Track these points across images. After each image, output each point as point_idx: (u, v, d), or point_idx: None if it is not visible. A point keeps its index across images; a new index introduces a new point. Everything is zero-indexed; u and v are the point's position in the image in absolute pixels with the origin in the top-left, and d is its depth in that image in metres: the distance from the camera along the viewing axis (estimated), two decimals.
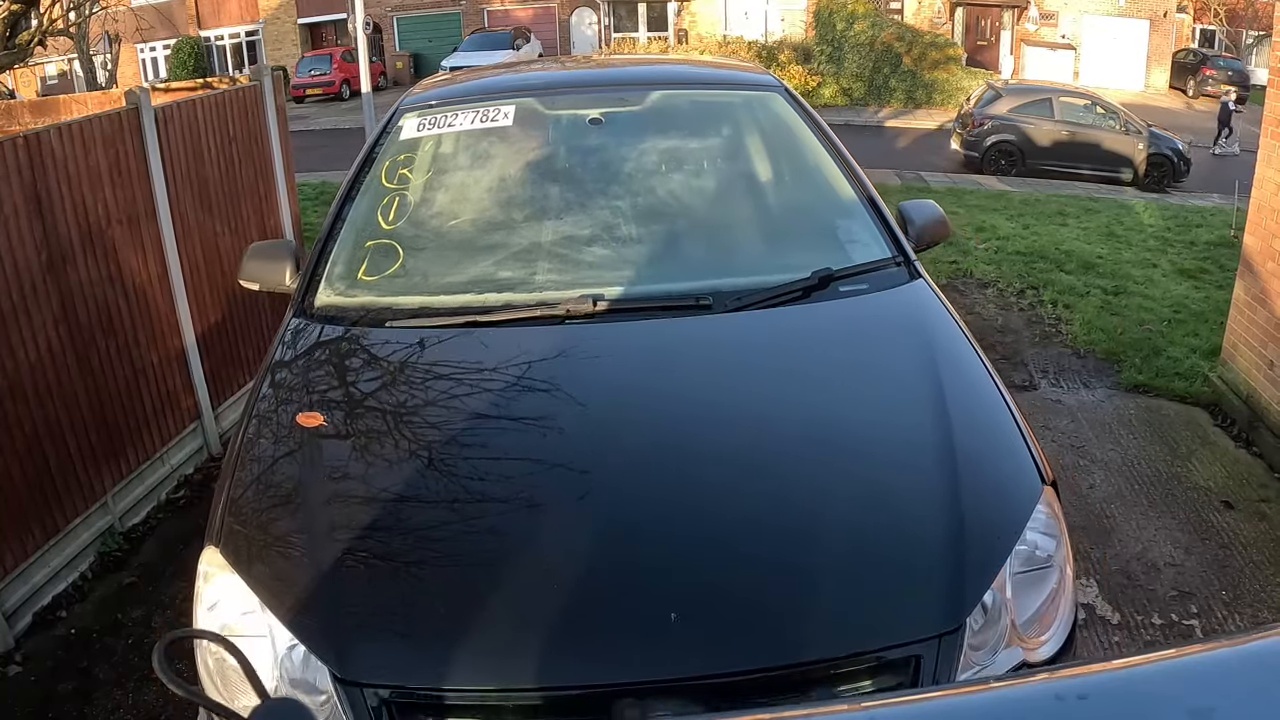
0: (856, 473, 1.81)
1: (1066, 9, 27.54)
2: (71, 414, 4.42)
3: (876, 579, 1.60)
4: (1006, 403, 1.95)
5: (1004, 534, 1.65)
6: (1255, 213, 5.89)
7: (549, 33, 29.45)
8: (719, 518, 1.69)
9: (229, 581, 1.64)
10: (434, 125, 2.79)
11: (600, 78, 3.70)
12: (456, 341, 2.17)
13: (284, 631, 1.54)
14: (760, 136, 2.93)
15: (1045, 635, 1.64)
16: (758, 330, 2.17)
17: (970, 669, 1.53)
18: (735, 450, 1.85)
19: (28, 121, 7.34)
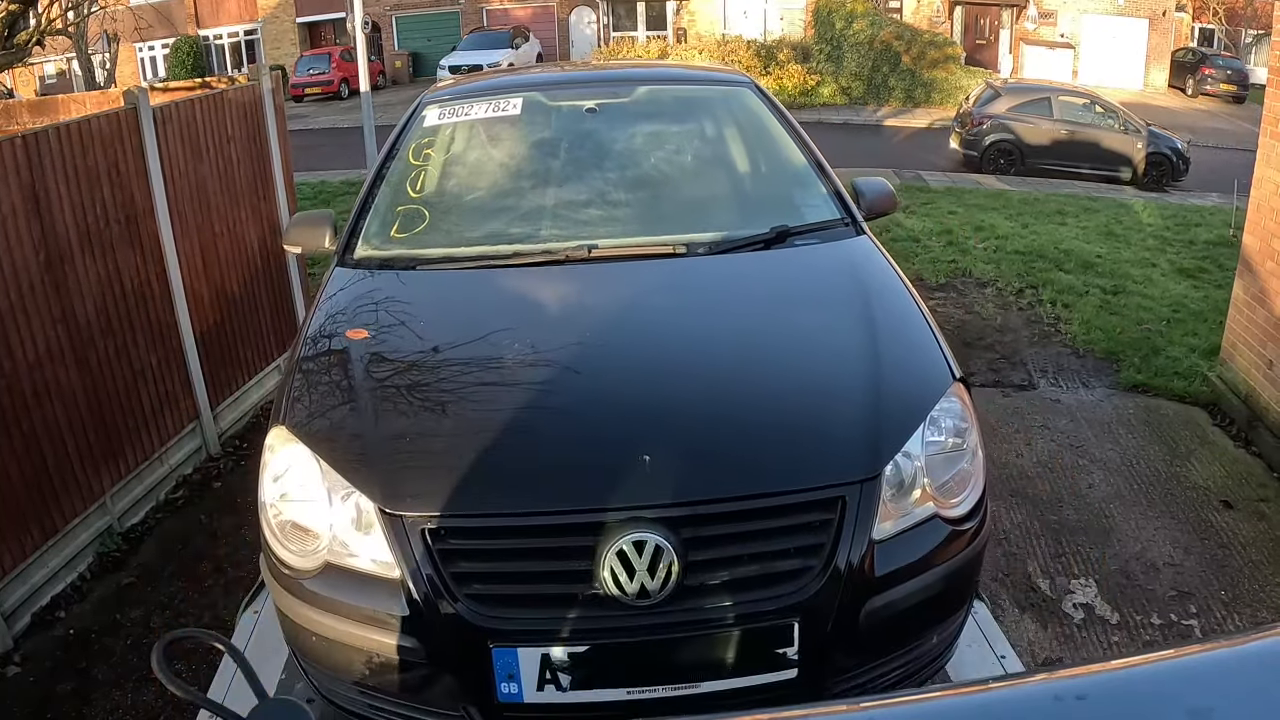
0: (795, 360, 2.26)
1: (1065, 8, 27.54)
2: (70, 414, 4.42)
3: (810, 436, 2.02)
4: (928, 323, 2.38)
5: (916, 408, 2.04)
6: (1254, 212, 5.89)
7: (548, 32, 29.44)
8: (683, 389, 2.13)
9: (293, 450, 2.03)
10: (452, 114, 3.24)
11: (595, 76, 4.32)
12: (475, 276, 2.64)
13: (340, 485, 1.93)
14: (731, 123, 3.36)
15: (957, 499, 2.04)
16: (721, 269, 2.61)
17: (890, 518, 1.91)
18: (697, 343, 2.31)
19: (26, 121, 7.33)
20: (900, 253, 9.49)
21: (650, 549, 1.78)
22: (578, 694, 1.83)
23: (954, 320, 7.70)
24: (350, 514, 1.93)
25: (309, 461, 1.99)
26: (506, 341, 2.31)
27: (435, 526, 1.85)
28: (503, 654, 1.82)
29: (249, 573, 3.97)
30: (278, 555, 2.05)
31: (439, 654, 1.86)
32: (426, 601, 1.83)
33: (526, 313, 2.48)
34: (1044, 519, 4.83)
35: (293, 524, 2.02)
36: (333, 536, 1.94)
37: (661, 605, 1.79)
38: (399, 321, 2.44)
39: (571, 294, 2.55)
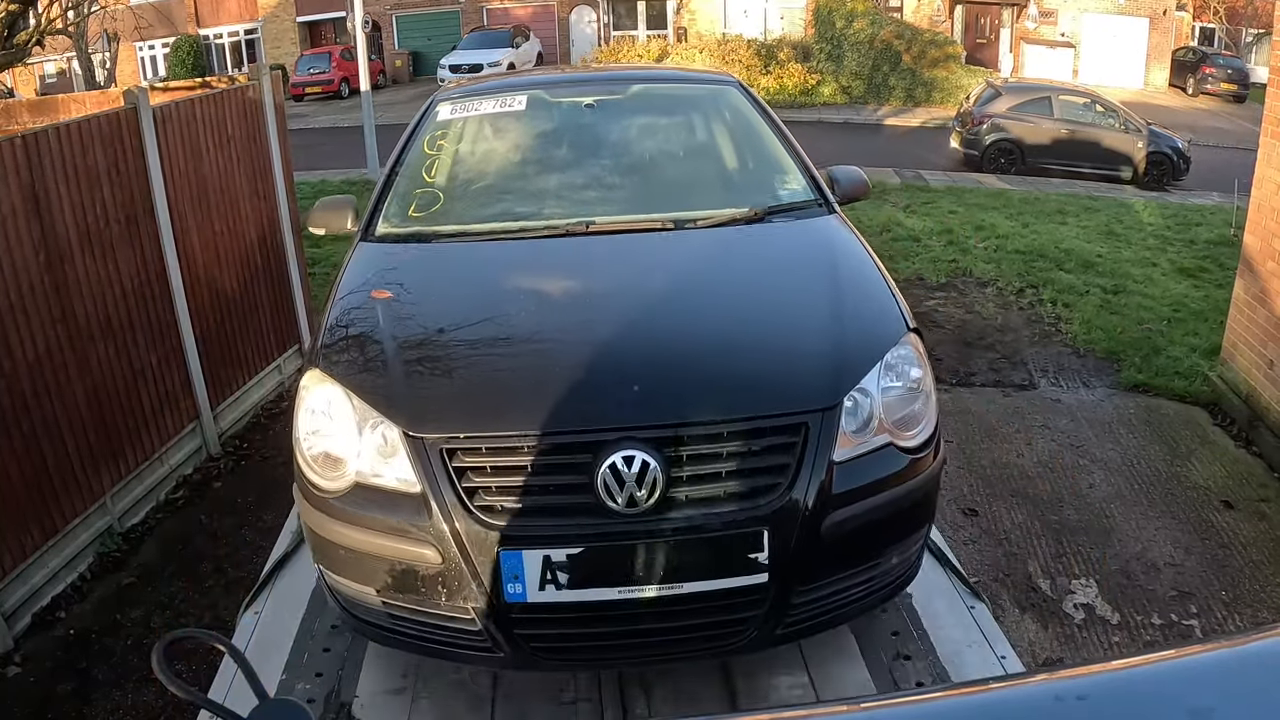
0: (767, 309, 2.55)
1: (1066, 7, 27.51)
2: (70, 414, 4.42)
3: (778, 371, 2.30)
4: (887, 284, 2.62)
5: (872, 352, 2.30)
6: (1255, 212, 5.89)
7: (548, 31, 29.40)
8: (668, 331, 2.45)
9: (326, 389, 2.29)
10: (463, 110, 3.54)
11: (593, 77, 4.84)
12: (484, 245, 2.94)
13: (369, 415, 2.19)
14: (717, 117, 3.64)
15: (910, 433, 2.29)
16: (704, 239, 2.89)
17: (849, 445, 2.17)
18: (681, 293, 2.62)
19: (26, 121, 7.33)
20: (901, 252, 9.49)
21: (638, 464, 2.03)
22: (574, 593, 2.07)
23: (955, 320, 7.70)
24: (377, 441, 2.18)
25: (341, 398, 2.26)
26: (512, 294, 2.66)
27: (452, 447, 2.11)
28: (509, 556, 2.06)
29: (249, 573, 3.97)
30: (311, 481, 2.30)
31: (453, 559, 2.09)
32: (443, 512, 2.09)
33: (530, 272, 2.79)
34: (1045, 519, 4.83)
35: (325, 453, 2.28)
36: (361, 461, 2.20)
37: (648, 514, 2.05)
38: (417, 282, 2.78)
39: (571, 257, 2.87)
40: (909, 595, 2.65)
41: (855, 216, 11.45)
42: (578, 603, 2.10)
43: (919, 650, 2.48)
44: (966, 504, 4.98)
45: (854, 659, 2.45)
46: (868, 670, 2.42)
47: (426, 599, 2.16)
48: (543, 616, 2.12)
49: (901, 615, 2.59)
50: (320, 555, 2.35)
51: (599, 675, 2.41)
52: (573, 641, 2.21)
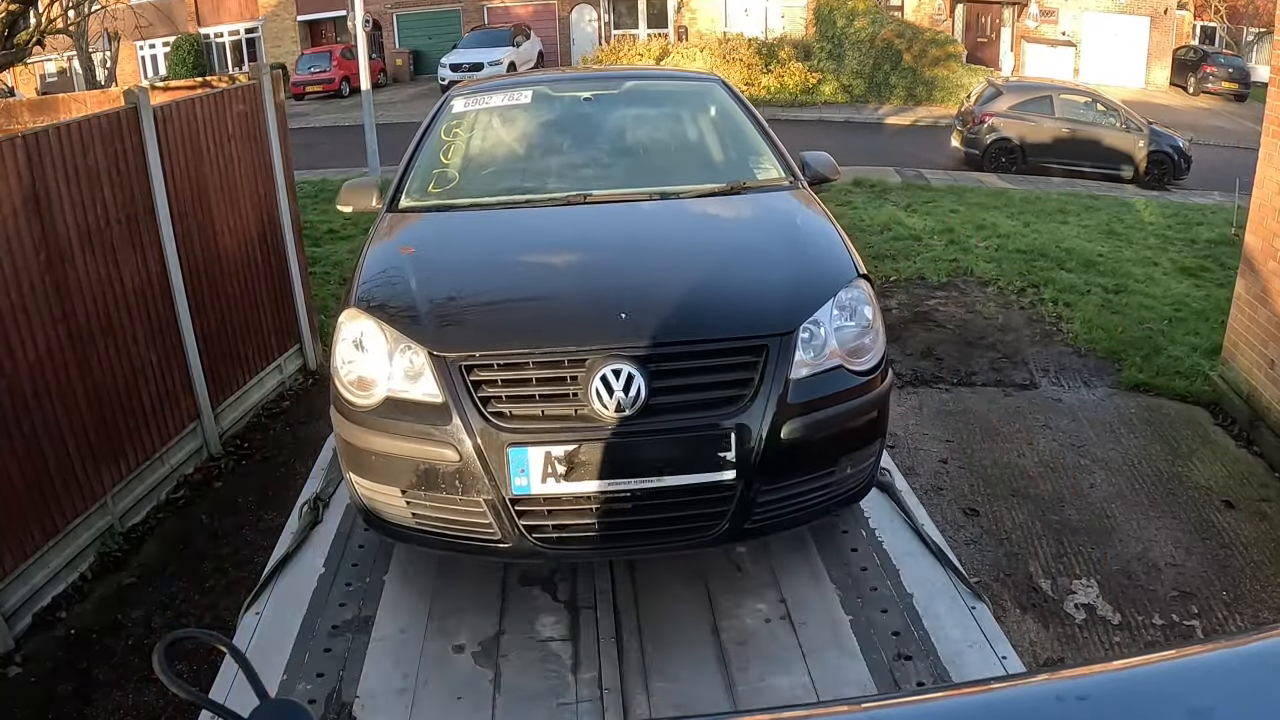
0: (736, 255, 2.98)
1: (1066, 6, 27.49)
2: (70, 414, 4.42)
3: (744, 302, 2.67)
4: (843, 240, 3.00)
5: (825, 290, 2.68)
6: (1256, 211, 5.88)
7: (549, 30, 29.39)
8: (651, 269, 2.87)
9: (361, 323, 2.66)
10: (475, 103, 3.97)
11: (591, 75, 5.63)
12: (494, 212, 3.37)
13: (398, 340, 2.56)
14: (701, 109, 4.04)
15: (860, 359, 2.64)
16: (685, 206, 3.32)
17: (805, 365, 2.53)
18: (663, 242, 3.08)
19: (27, 120, 7.33)
20: (902, 251, 9.49)
21: (624, 376, 2.40)
22: (570, 485, 2.42)
23: (956, 319, 7.70)
24: (405, 364, 2.55)
25: (375, 329, 2.63)
26: (519, 245, 3.11)
27: (470, 364, 2.47)
28: (517, 453, 2.41)
29: (250, 573, 3.97)
30: (347, 400, 2.64)
31: (469, 457, 2.44)
32: (462, 418, 2.44)
33: (534, 230, 3.23)
34: (1045, 519, 4.83)
35: (360, 377, 2.64)
36: (391, 380, 2.56)
37: (632, 418, 2.40)
38: (436, 239, 3.21)
39: (569, 219, 3.28)
40: (910, 595, 2.65)
41: (856, 215, 11.48)
42: (574, 494, 2.43)
43: (920, 650, 2.48)
44: (967, 504, 4.98)
45: (854, 658, 2.45)
46: (868, 670, 2.42)
47: (445, 494, 2.50)
48: (543, 508, 2.46)
49: (902, 615, 2.59)
50: (352, 464, 2.69)
51: (600, 675, 2.41)
52: (568, 532, 2.50)
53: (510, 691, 2.40)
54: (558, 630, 2.59)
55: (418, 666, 2.47)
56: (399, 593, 2.76)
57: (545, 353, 2.45)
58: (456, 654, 2.51)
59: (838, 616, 2.59)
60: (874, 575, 2.75)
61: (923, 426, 5.88)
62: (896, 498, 3.10)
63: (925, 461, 5.42)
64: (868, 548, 2.87)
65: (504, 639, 2.55)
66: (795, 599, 2.65)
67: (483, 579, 2.80)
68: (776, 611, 2.62)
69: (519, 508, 2.44)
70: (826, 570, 2.77)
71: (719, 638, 2.53)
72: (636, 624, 2.59)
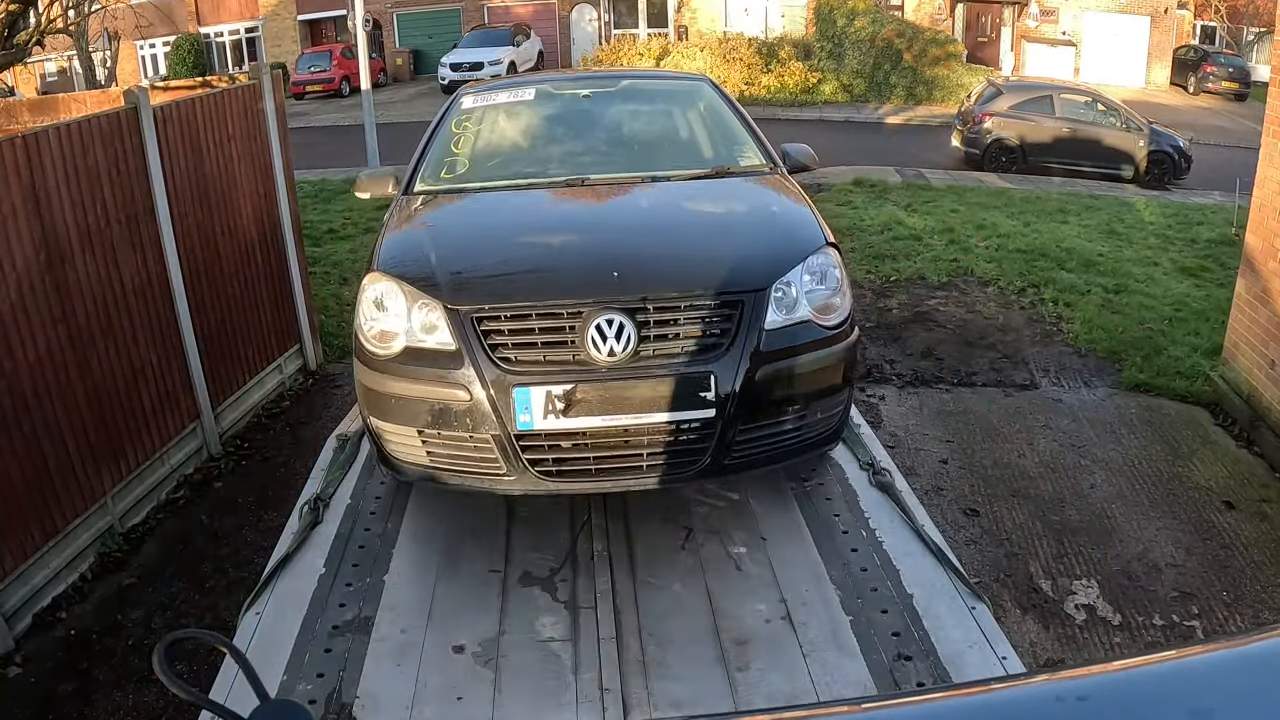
0: (717, 226, 3.34)
1: (1067, 5, 27.47)
2: (70, 414, 4.42)
3: (723, 264, 2.94)
4: (815, 215, 3.31)
5: (795, 255, 2.98)
6: (1257, 211, 5.88)
7: (549, 29, 29.37)
8: (642, 235, 3.25)
9: (383, 283, 2.95)
10: (483, 100, 4.34)
11: (589, 75, 6.14)
12: (501, 193, 3.69)
13: (416, 297, 2.86)
14: (690, 106, 4.37)
15: (828, 316, 2.94)
16: (674, 186, 3.63)
17: (775, 321, 2.82)
18: (653, 215, 3.43)
19: (27, 120, 7.33)
20: (902, 251, 9.48)
21: (616, 325, 2.69)
22: (568, 420, 2.70)
23: (956, 319, 7.69)
24: (422, 317, 2.84)
25: (395, 289, 2.91)
26: (522, 218, 3.47)
27: (480, 316, 2.77)
28: (521, 392, 2.69)
29: (250, 573, 3.97)
30: (370, 351, 2.93)
31: (479, 396, 2.73)
32: (473, 362, 2.74)
33: (536, 206, 3.56)
34: (1046, 519, 4.83)
35: (381, 330, 2.92)
36: (410, 332, 2.85)
37: (623, 363, 2.69)
38: (448, 215, 3.55)
39: (569, 197, 3.60)
40: (910, 595, 2.65)
41: (856, 215, 11.47)
42: (571, 429, 2.72)
43: (920, 651, 2.48)
44: (968, 504, 4.98)
45: (854, 659, 2.45)
46: (868, 670, 2.42)
47: (457, 431, 2.80)
48: (544, 443, 2.74)
49: (902, 615, 2.59)
50: (373, 408, 2.97)
51: (600, 674, 2.41)
52: (566, 465, 2.78)
53: (510, 691, 2.40)
54: (558, 630, 2.59)
55: (418, 667, 2.47)
56: (399, 593, 2.76)
57: (546, 305, 2.75)
58: (456, 654, 2.51)
59: (838, 617, 2.59)
60: (874, 576, 2.75)
61: (923, 427, 5.88)
62: (896, 498, 3.10)
63: (926, 462, 5.42)
64: (868, 548, 2.87)
65: (504, 639, 2.55)
66: (795, 599, 2.65)
67: (483, 579, 2.80)
68: (776, 611, 2.62)
69: (523, 443, 2.73)
70: (827, 570, 2.77)
71: (719, 638, 2.53)
72: (637, 624, 2.59)
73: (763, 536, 2.95)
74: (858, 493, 3.17)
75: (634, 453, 2.75)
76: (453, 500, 3.25)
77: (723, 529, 3.00)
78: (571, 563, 2.86)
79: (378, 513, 3.19)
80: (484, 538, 3.01)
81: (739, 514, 3.09)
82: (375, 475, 3.43)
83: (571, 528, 3.04)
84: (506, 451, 2.74)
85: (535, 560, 2.88)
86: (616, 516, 3.07)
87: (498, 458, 2.76)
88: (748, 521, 3.04)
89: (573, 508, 3.14)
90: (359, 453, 3.58)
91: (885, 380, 6.60)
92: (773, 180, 3.67)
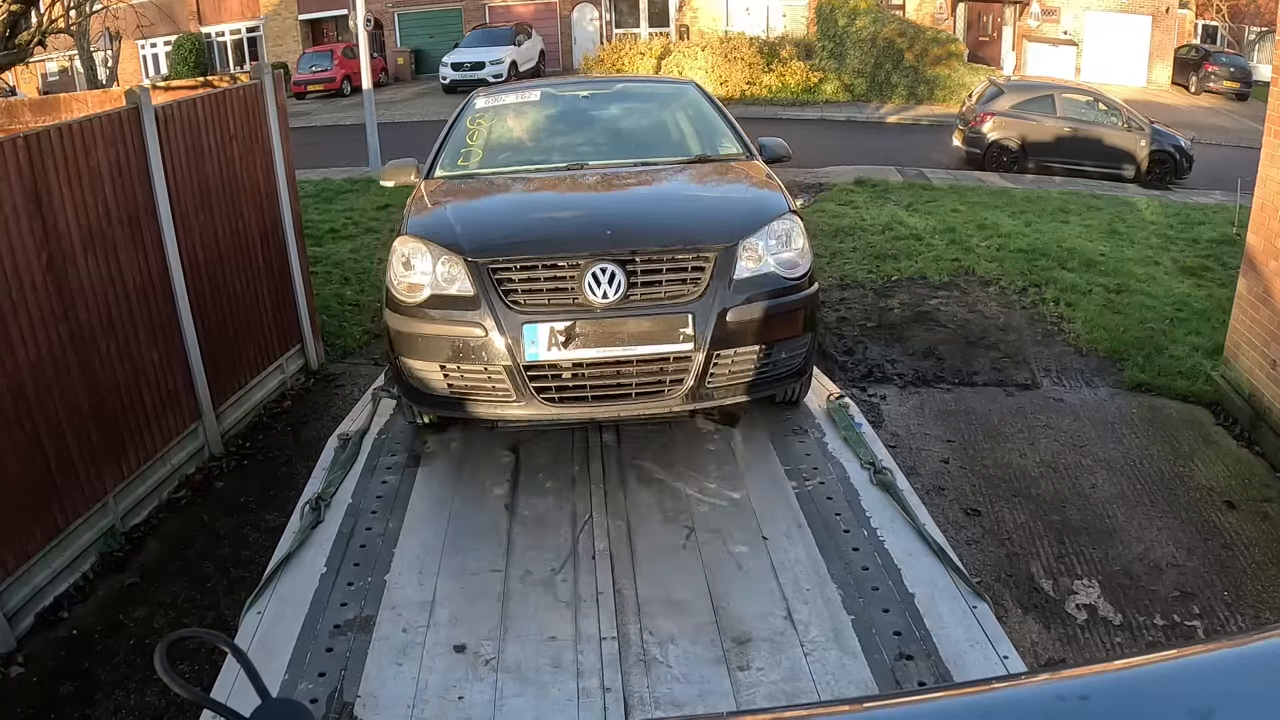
0: (694, 197, 3.93)
1: (1068, 5, 27.46)
2: (72, 414, 4.42)
3: (697, 225, 3.50)
4: (781, 189, 3.81)
5: (760, 219, 3.48)
6: (1258, 211, 5.88)
7: (550, 29, 29.36)
8: (633, 203, 3.91)
9: (413, 244, 3.43)
10: (494, 101, 4.91)
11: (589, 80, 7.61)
12: (511, 175, 4.24)
13: (440, 253, 3.35)
14: (677, 105, 4.90)
15: (790, 270, 3.42)
16: (660, 169, 4.23)
17: (744, 273, 3.30)
18: (640, 189, 4.04)
19: (28, 120, 7.34)
20: (904, 251, 9.48)
21: (609, 273, 3.16)
22: (568, 352, 3.18)
23: (957, 319, 7.69)
24: (444, 270, 3.34)
25: (422, 248, 3.41)
26: (530, 192, 4.05)
27: (495, 267, 3.25)
28: (530, 328, 3.17)
29: (252, 573, 3.97)
30: (400, 300, 3.41)
31: (493, 334, 3.20)
32: (489, 304, 3.22)
33: (541, 184, 4.12)
34: (1047, 519, 4.83)
35: (410, 283, 3.40)
36: (435, 283, 3.33)
37: (614, 305, 3.17)
38: (465, 192, 4.08)
39: (569, 177, 4.13)
40: (912, 595, 2.65)
41: (858, 214, 11.47)
42: (571, 360, 3.19)
43: (921, 650, 2.48)
44: (969, 504, 4.98)
45: (856, 658, 2.45)
46: (870, 670, 2.42)
47: (474, 364, 3.26)
48: (548, 373, 3.20)
49: (904, 615, 2.59)
50: (402, 349, 3.44)
51: (601, 674, 2.41)
52: (566, 393, 3.24)
53: (511, 691, 2.41)
54: (559, 629, 2.59)
55: (419, 666, 2.47)
56: (400, 592, 2.76)
57: (550, 257, 3.24)
58: (458, 653, 2.51)
59: (839, 616, 2.59)
60: (875, 575, 2.75)
61: (924, 427, 5.88)
62: (898, 497, 3.10)
63: (927, 462, 5.42)
64: (869, 547, 2.87)
65: (505, 638, 2.55)
66: (796, 598, 2.65)
67: (484, 578, 2.80)
68: (778, 611, 2.62)
69: (530, 372, 3.20)
70: (828, 569, 2.77)
71: (720, 637, 2.53)
72: (638, 623, 2.59)
73: (764, 536, 2.95)
74: (859, 492, 3.17)
75: (624, 382, 3.21)
76: (453, 499, 3.26)
77: (724, 528, 3.00)
78: (572, 562, 2.86)
79: (379, 512, 3.19)
80: (485, 537, 3.02)
81: (740, 513, 3.09)
82: (377, 475, 3.44)
83: (572, 526, 3.05)
84: (516, 380, 3.20)
85: (536, 559, 2.89)
86: (618, 515, 3.08)
87: (509, 386, 3.22)
88: (748, 520, 3.04)
89: (574, 508, 3.14)
90: (360, 452, 3.58)
91: (887, 380, 6.60)
92: (748, 165, 4.20)
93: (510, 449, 3.60)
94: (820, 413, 3.78)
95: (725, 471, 3.37)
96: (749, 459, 3.46)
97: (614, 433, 3.65)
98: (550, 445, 3.61)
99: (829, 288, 8.43)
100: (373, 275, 8.80)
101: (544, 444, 3.62)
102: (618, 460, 3.47)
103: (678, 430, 3.69)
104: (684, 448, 3.55)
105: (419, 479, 3.42)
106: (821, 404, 3.84)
